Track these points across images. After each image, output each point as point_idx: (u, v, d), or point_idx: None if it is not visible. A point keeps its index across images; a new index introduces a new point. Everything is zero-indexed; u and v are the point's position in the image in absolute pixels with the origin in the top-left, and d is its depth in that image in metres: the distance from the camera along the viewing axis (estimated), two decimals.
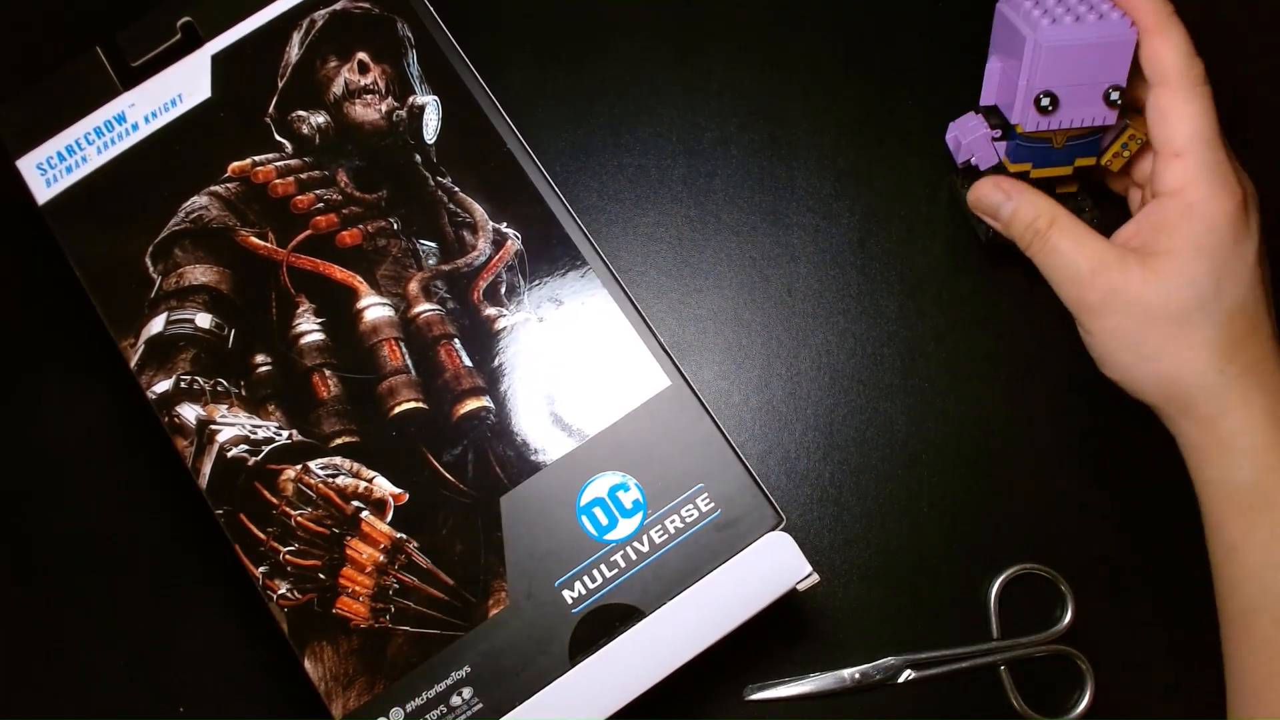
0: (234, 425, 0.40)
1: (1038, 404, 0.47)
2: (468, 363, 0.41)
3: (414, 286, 0.41)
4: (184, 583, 0.46)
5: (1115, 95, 0.41)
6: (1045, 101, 0.41)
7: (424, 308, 0.41)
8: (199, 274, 0.42)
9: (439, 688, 0.38)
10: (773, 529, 0.39)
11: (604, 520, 0.39)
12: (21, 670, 0.45)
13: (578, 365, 0.41)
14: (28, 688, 0.45)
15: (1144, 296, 0.41)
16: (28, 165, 0.43)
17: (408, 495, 0.40)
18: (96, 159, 0.43)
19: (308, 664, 0.38)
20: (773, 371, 0.48)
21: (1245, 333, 0.41)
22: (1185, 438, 0.43)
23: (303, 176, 0.43)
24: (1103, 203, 0.46)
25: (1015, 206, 0.43)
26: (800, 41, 0.51)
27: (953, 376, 0.47)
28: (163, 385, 0.41)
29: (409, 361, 0.41)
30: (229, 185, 0.43)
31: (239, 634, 0.45)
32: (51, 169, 0.43)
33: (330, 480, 0.40)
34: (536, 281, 0.41)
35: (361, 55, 0.44)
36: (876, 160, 0.49)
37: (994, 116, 0.45)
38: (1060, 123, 0.42)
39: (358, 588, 0.39)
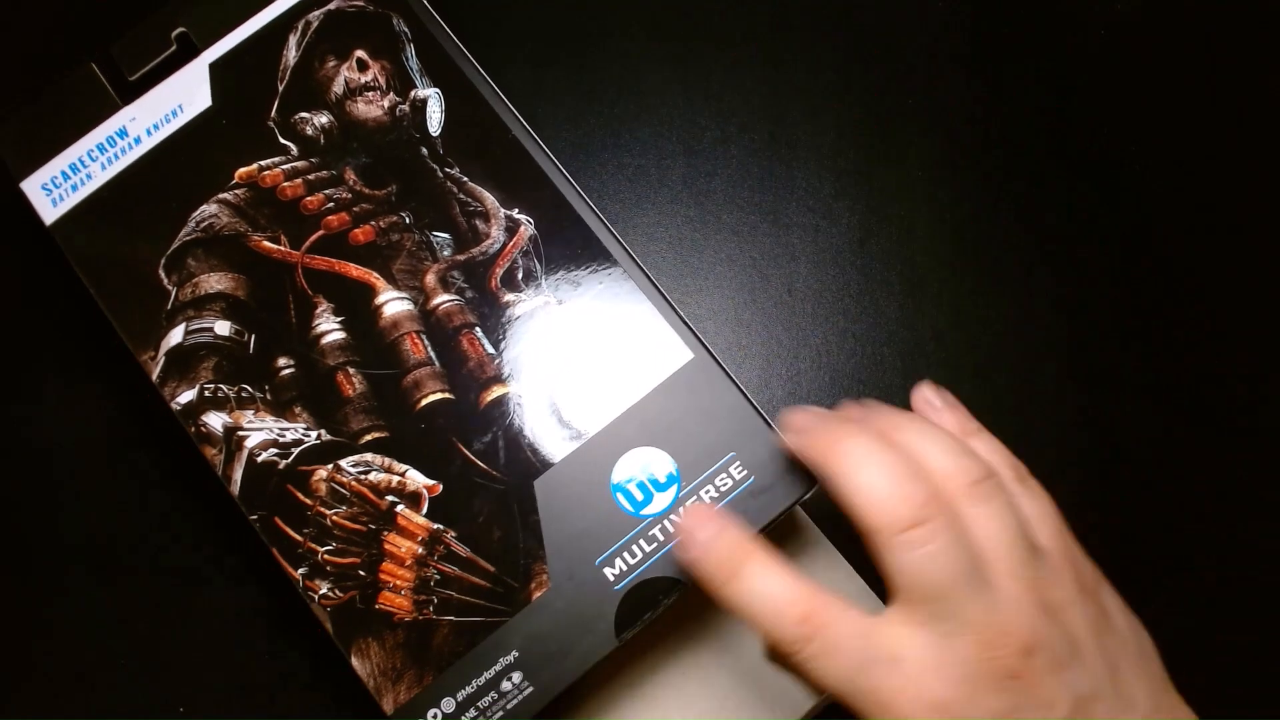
0: (261, 430, 0.40)
1: (1038, 404, 0.47)
2: (490, 350, 0.41)
3: (431, 278, 0.42)
4: (184, 582, 0.45)
5: None
6: None
7: (443, 299, 0.41)
8: (214, 282, 0.42)
9: (488, 674, 0.38)
10: (805, 494, 0.39)
11: (639, 496, 0.39)
12: (22, 670, 0.45)
13: (600, 344, 0.41)
14: (27, 687, 0.44)
15: None
16: (32, 186, 0.43)
17: (441, 486, 0.40)
18: (101, 175, 0.43)
19: (355, 661, 0.38)
20: (773, 371, 0.48)
21: None
22: None
23: (311, 178, 0.43)
24: None
25: None
26: (800, 41, 0.51)
27: (953, 376, 0.47)
28: (186, 396, 0.41)
29: (432, 353, 0.41)
30: (237, 192, 0.43)
31: (239, 634, 0.45)
32: (56, 188, 0.43)
33: (363, 477, 0.40)
34: (553, 265, 0.41)
35: (359, 53, 0.44)
36: (876, 160, 0.49)
37: None
38: None
39: (399, 581, 0.39)
